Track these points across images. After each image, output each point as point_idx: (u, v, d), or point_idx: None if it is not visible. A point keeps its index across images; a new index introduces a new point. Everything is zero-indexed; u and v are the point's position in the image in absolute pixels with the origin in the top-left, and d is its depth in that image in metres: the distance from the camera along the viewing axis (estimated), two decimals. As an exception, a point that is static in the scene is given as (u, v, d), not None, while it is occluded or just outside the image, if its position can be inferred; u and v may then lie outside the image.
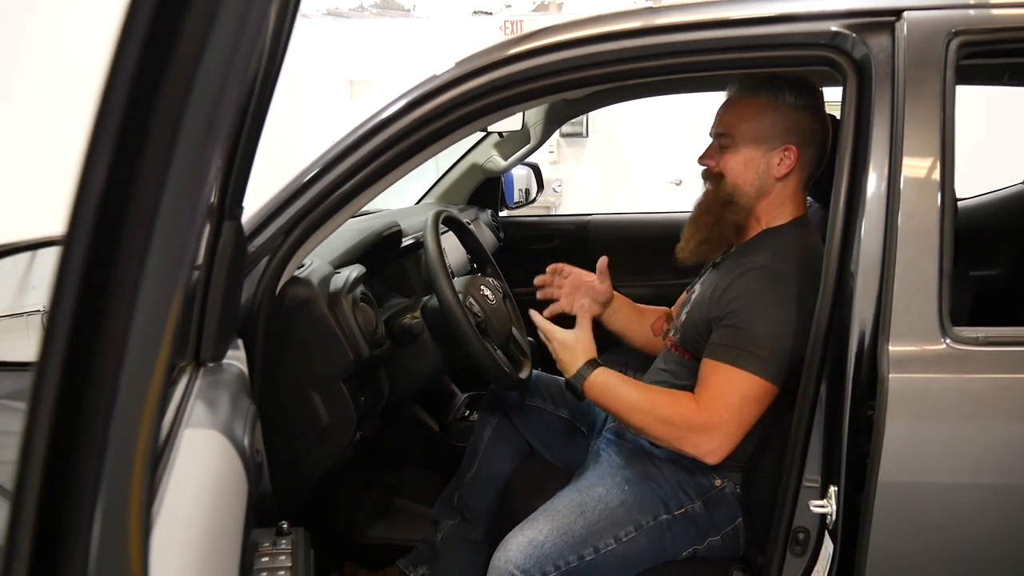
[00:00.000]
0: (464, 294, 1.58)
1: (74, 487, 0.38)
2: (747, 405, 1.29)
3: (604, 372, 1.40)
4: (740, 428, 1.30)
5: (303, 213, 1.28)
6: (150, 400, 0.39)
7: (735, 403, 1.29)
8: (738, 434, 1.30)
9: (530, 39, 1.26)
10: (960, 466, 1.11)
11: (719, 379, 1.31)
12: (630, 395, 1.36)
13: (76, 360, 0.36)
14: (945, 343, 1.09)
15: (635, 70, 1.27)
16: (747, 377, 1.29)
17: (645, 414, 1.34)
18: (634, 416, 1.35)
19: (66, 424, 0.37)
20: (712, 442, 1.30)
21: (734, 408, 1.29)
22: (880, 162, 1.14)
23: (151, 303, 0.37)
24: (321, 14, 7.29)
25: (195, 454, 0.77)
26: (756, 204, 1.42)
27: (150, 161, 0.34)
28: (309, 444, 1.37)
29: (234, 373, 1.09)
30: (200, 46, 0.34)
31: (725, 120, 1.43)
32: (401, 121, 1.25)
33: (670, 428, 1.32)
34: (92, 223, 0.35)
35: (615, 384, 1.38)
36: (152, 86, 0.33)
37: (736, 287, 1.35)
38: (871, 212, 1.14)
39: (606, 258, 1.65)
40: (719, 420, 1.29)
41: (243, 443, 0.88)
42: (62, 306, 0.36)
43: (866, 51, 1.16)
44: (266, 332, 1.27)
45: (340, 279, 1.40)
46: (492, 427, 1.71)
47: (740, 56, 1.23)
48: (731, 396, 1.29)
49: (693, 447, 1.31)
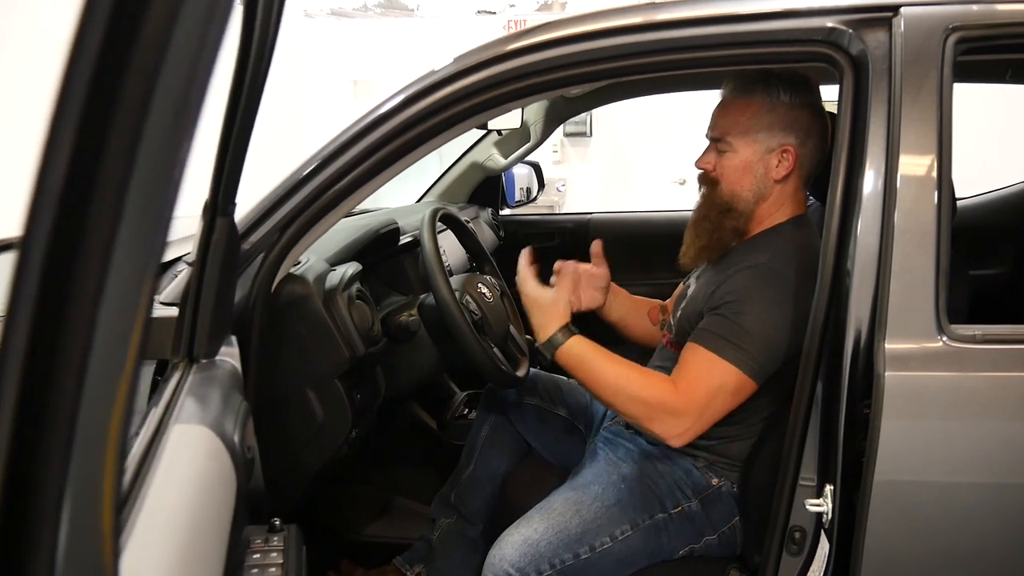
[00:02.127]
0: (461, 292, 1.57)
1: (40, 486, 0.37)
2: (722, 396, 1.28)
3: (580, 341, 1.37)
4: (711, 417, 1.29)
5: (299, 210, 1.28)
6: (118, 401, 0.38)
7: (711, 391, 1.28)
8: (707, 422, 1.29)
9: (527, 35, 1.25)
10: (957, 465, 1.10)
11: (699, 364, 1.30)
12: (605, 369, 1.34)
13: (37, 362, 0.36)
14: (942, 341, 1.08)
15: (630, 67, 1.27)
16: (728, 368, 1.28)
17: (619, 390, 1.32)
18: (607, 391, 1.33)
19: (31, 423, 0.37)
20: (681, 425, 1.28)
21: (709, 396, 1.28)
22: (877, 159, 1.13)
23: (117, 301, 0.36)
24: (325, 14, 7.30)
25: (183, 449, 0.77)
26: (755, 208, 1.41)
27: (113, 155, 0.34)
28: (305, 441, 1.37)
29: (227, 370, 1.09)
30: (165, 32, 0.33)
31: (720, 123, 1.41)
32: (398, 117, 1.25)
33: (643, 407, 1.30)
34: (52, 219, 0.34)
35: (590, 355, 1.36)
36: (114, 75, 0.33)
37: (731, 283, 1.34)
38: (867, 210, 1.13)
39: (600, 241, 1.61)
40: (693, 406, 1.28)
41: (233, 439, 0.87)
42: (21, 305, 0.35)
43: (863, 47, 1.15)
44: (261, 329, 1.27)
45: (336, 276, 1.40)
46: (489, 425, 1.71)
47: (735, 53, 1.23)
48: (709, 383, 1.28)
49: (661, 428, 1.29)
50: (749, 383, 1.29)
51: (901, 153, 1.12)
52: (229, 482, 0.82)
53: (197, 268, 1.05)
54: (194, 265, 1.05)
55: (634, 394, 1.31)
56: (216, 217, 1.04)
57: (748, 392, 1.31)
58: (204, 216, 1.04)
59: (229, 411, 0.93)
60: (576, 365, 1.36)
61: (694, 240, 1.45)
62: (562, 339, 1.37)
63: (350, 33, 7.21)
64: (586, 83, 1.55)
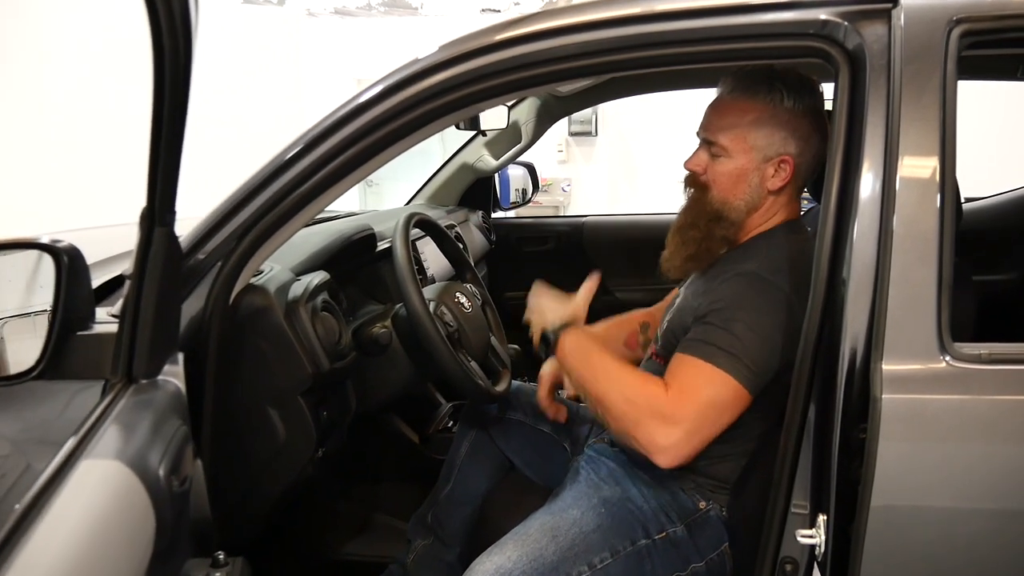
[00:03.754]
0: (437, 302, 1.49)
1: None
2: (715, 407, 1.18)
3: (583, 333, 1.32)
4: (703, 431, 1.18)
5: (260, 214, 1.19)
6: None
7: (703, 401, 1.17)
8: (699, 437, 1.17)
9: (514, 26, 1.16)
10: (960, 497, 1.01)
11: (689, 372, 1.20)
12: (603, 365, 1.26)
13: None
14: (944, 361, 1.00)
15: (616, 62, 1.18)
16: (720, 375, 1.18)
17: (610, 385, 1.23)
18: (598, 385, 1.24)
19: None
20: (669, 436, 1.16)
21: (701, 406, 1.17)
22: (875, 161, 1.05)
23: None
24: (328, 12, 7.28)
25: (85, 489, 0.69)
26: (746, 218, 1.33)
27: None
28: (266, 462, 1.29)
29: (168, 392, 1.01)
30: None
31: (716, 124, 1.31)
32: (377, 108, 1.16)
33: (631, 408, 1.19)
34: None
35: (590, 349, 1.29)
36: None
37: (719, 291, 1.25)
38: (864, 215, 1.04)
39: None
40: (683, 414, 1.17)
41: (155, 473, 0.80)
42: None
43: (860, 41, 1.07)
44: (219, 344, 1.19)
45: (300, 287, 1.32)
46: (469, 441, 1.63)
47: (723, 47, 1.14)
48: (700, 392, 1.18)
49: (647, 436, 1.17)
50: (744, 394, 1.19)
51: (901, 155, 1.03)
52: (144, 521, 0.74)
53: (135, 282, 0.98)
54: (131, 278, 0.98)
55: (624, 391, 1.21)
56: (154, 227, 0.96)
57: (743, 404, 1.21)
58: (141, 226, 0.96)
59: (157, 440, 0.85)
60: (575, 356, 1.30)
61: (679, 248, 1.36)
62: (565, 328, 1.33)
63: (354, 32, 7.18)
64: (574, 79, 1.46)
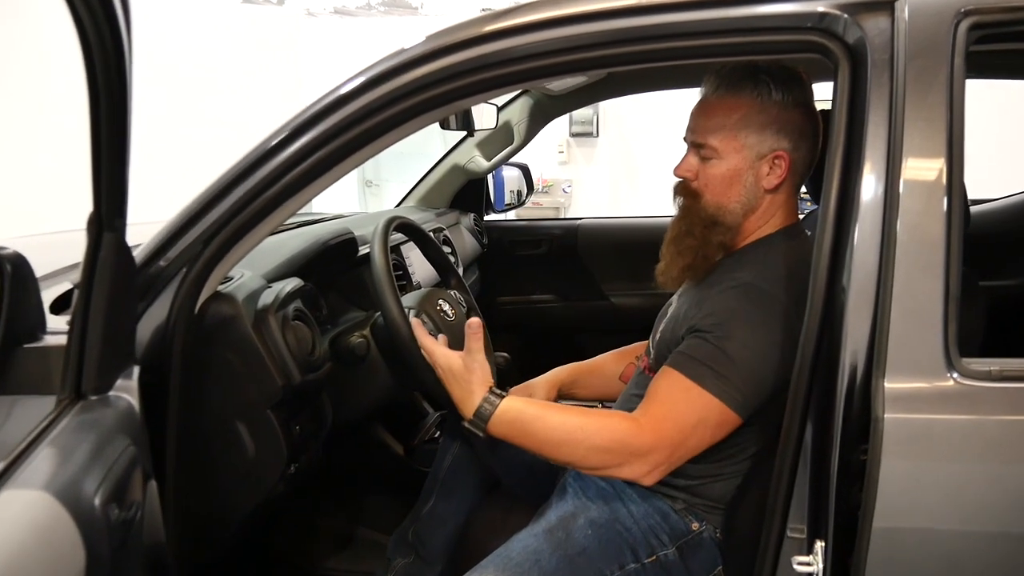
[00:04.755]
0: (417, 310, 1.43)
1: None
2: (701, 430, 1.13)
3: (512, 401, 1.18)
4: (686, 453, 1.15)
5: (229, 216, 1.12)
6: None
7: (688, 425, 1.13)
8: (681, 458, 1.15)
9: (501, 18, 1.09)
10: (968, 523, 0.94)
11: (675, 394, 1.14)
12: (552, 426, 1.16)
13: None
14: (951, 378, 0.93)
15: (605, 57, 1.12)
16: (708, 399, 1.12)
17: (575, 446, 1.15)
18: (561, 450, 1.16)
19: None
20: (649, 463, 1.13)
21: (686, 430, 1.13)
22: (877, 163, 0.98)
23: None
24: (328, 12, 7.23)
25: (0, 526, 0.63)
26: (743, 221, 1.26)
27: None
28: (235, 479, 1.23)
29: (119, 408, 0.95)
30: None
31: (703, 126, 1.24)
32: (358, 102, 1.08)
33: (607, 457, 1.14)
34: None
35: (530, 417, 1.17)
36: None
37: (713, 303, 1.19)
38: (865, 220, 0.97)
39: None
40: (665, 441, 1.13)
41: (88, 502, 0.73)
42: None
43: (861, 35, 1.00)
44: (184, 355, 1.13)
45: (270, 295, 1.25)
46: (453, 455, 1.56)
47: (716, 42, 1.07)
48: (685, 417, 1.13)
49: (631, 472, 1.14)
50: (732, 417, 1.14)
51: (905, 156, 0.96)
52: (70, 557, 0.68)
53: (83, 291, 0.91)
54: (79, 287, 0.91)
55: (592, 445, 1.15)
56: (102, 233, 0.90)
57: (731, 427, 1.15)
58: (88, 232, 0.90)
59: (97, 464, 0.79)
60: (516, 432, 1.17)
61: (676, 258, 1.29)
62: (490, 407, 1.17)
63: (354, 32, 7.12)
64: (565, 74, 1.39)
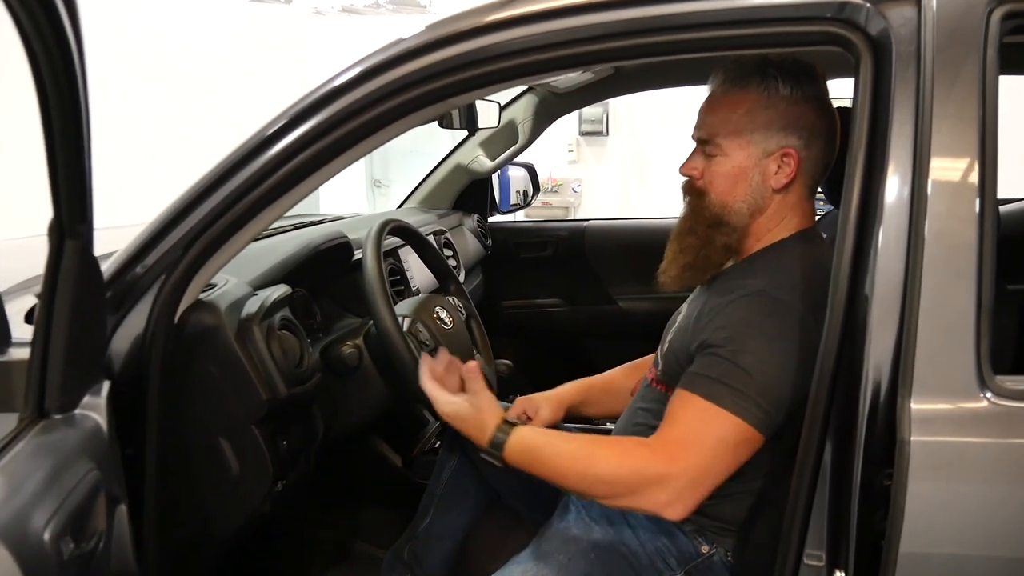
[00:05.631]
0: (412, 318, 1.36)
1: None
2: (723, 452, 1.05)
3: (524, 432, 1.14)
4: (709, 478, 1.05)
5: (211, 218, 1.05)
6: None
7: (708, 447, 1.05)
8: (705, 485, 1.05)
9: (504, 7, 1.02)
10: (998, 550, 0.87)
11: (692, 416, 1.07)
12: (563, 455, 1.10)
13: None
14: (984, 398, 0.85)
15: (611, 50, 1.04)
16: (726, 417, 1.05)
17: (584, 476, 1.08)
18: (571, 479, 1.10)
19: None
20: (668, 492, 1.04)
21: (706, 453, 1.04)
22: (902, 163, 0.90)
23: None
24: (336, 11, 7.18)
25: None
26: (750, 222, 1.18)
27: None
28: (218, 498, 1.16)
29: (84, 428, 0.88)
30: None
31: (708, 122, 1.18)
32: (352, 94, 1.01)
33: (620, 487, 1.07)
34: None
35: (542, 444, 1.12)
36: None
37: (725, 314, 1.11)
38: (890, 224, 0.90)
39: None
40: (683, 466, 1.04)
41: (36, 538, 0.67)
42: None
43: (884, 25, 0.92)
44: (163, 369, 1.06)
45: (255, 303, 1.18)
46: (451, 469, 1.49)
47: (729, 34, 1.00)
48: (705, 438, 1.05)
49: (650, 503, 1.05)
50: (754, 435, 1.06)
51: (932, 156, 0.89)
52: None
53: (44, 303, 0.85)
54: (41, 298, 0.85)
55: (605, 475, 1.07)
56: (64, 240, 0.83)
57: (753, 447, 1.07)
58: (49, 240, 0.84)
59: (50, 495, 0.73)
60: (529, 460, 1.12)
61: (676, 256, 1.23)
62: (504, 436, 1.13)
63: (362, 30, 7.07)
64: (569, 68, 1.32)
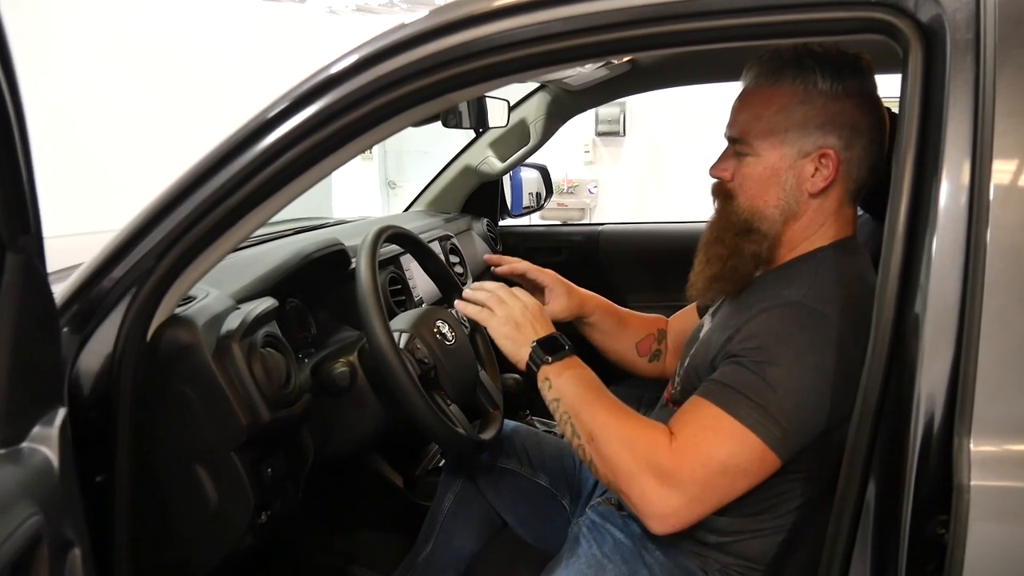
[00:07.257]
0: (411, 334, 1.26)
1: None
2: (732, 471, 0.94)
3: (577, 361, 1.10)
4: (711, 498, 0.95)
5: (188, 224, 0.94)
6: None
7: (715, 460, 0.94)
8: (706, 504, 0.95)
9: None
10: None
11: (704, 424, 0.96)
12: (602, 395, 1.05)
13: None
14: (1058, 437, 0.74)
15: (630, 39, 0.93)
16: (740, 432, 0.94)
17: (608, 421, 1.00)
18: (596, 418, 1.01)
19: None
20: (667, 501, 0.94)
21: (712, 468, 0.94)
22: (958, 164, 0.79)
23: None
24: (350, 10, 7.14)
25: None
26: (783, 229, 1.08)
27: None
28: (196, 531, 1.07)
29: (31, 465, 0.78)
30: None
31: (739, 119, 1.09)
32: (347, 85, 0.90)
33: (627, 453, 0.97)
34: None
35: (591, 375, 1.08)
36: None
37: (755, 324, 1.00)
38: (944, 234, 0.78)
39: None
40: (687, 476, 0.94)
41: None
42: None
43: (937, 11, 0.81)
44: (134, 391, 0.97)
45: (236, 318, 1.08)
46: (454, 494, 1.39)
47: (759, 21, 0.88)
48: (711, 452, 0.95)
49: (641, 495, 0.95)
50: (769, 457, 0.95)
51: (995, 158, 0.77)
52: None
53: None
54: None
55: (622, 433, 0.99)
56: (4, 254, 0.74)
57: (768, 470, 0.96)
58: None
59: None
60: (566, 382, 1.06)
61: (703, 267, 1.13)
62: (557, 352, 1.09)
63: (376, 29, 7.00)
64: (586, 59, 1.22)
